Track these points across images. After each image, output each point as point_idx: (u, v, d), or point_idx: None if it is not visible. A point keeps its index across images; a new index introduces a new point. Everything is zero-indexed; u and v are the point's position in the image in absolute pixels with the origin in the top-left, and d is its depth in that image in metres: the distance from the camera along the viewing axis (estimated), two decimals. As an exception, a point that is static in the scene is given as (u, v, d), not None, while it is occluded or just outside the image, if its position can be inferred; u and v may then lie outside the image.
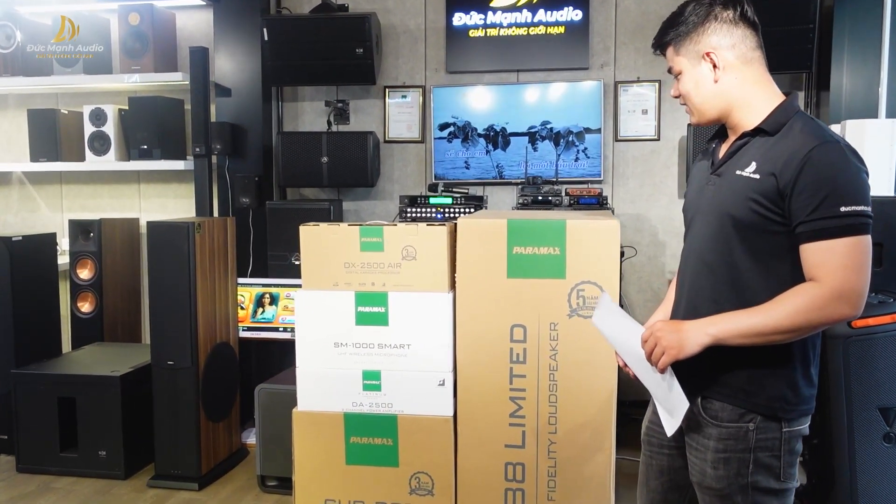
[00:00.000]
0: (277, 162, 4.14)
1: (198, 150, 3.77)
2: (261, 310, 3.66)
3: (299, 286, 3.66)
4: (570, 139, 4.06)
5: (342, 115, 4.31)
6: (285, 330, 3.58)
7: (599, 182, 4.04)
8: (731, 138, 1.63)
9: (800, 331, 1.45)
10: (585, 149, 4.05)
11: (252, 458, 3.50)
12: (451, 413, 2.43)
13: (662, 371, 1.53)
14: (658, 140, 4.06)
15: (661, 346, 1.50)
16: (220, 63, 4.13)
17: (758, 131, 1.55)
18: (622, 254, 3.30)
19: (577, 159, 4.07)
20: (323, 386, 2.48)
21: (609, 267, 2.33)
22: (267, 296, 3.68)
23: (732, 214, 1.53)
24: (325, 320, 2.46)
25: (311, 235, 2.47)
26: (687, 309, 1.62)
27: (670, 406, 1.61)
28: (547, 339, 2.37)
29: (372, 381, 2.45)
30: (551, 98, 4.10)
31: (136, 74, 4.07)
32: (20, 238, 3.54)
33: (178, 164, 4.14)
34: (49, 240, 3.80)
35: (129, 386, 3.28)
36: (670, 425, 1.62)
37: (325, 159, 4.04)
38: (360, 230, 2.43)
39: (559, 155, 4.08)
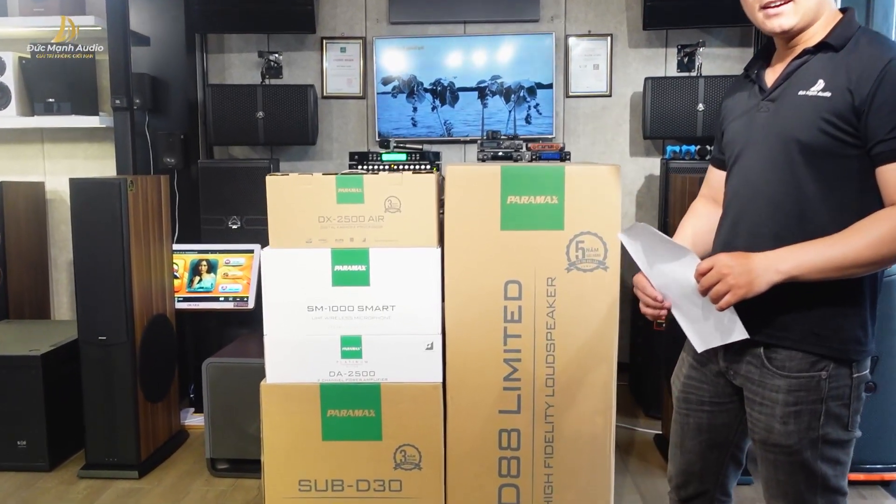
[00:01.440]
0: (207, 118, 3.78)
1: (118, 101, 3.35)
2: (197, 279, 3.33)
3: (242, 251, 3.38)
4: (522, 94, 3.90)
5: (275, 70, 3.97)
6: (227, 300, 3.27)
7: (551, 139, 3.90)
8: (786, 58, 1.48)
9: (882, 262, 1.33)
10: (538, 105, 3.90)
11: (194, 441, 3.20)
12: (440, 379, 2.23)
13: (722, 310, 1.38)
14: (610, 96, 3.96)
15: (726, 283, 1.35)
16: (137, 8, 3.70)
17: (821, 47, 1.41)
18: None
19: (528, 116, 3.91)
20: (296, 355, 2.22)
21: (610, 216, 2.17)
22: (204, 263, 3.34)
23: (799, 139, 1.39)
24: (297, 282, 2.20)
25: (279, 187, 2.19)
26: (747, 247, 1.47)
27: (710, 332, 1.48)
28: (544, 296, 2.20)
29: (351, 347, 2.22)
30: (501, 52, 3.91)
31: (40, 18, 3.60)
32: None
33: (92, 121, 3.72)
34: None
35: (51, 366, 2.90)
36: (703, 343, 1.49)
37: (260, 114, 3.71)
38: (336, 180, 2.18)
39: (510, 111, 3.90)
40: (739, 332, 1.43)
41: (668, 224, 3.17)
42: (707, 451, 1.64)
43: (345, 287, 2.19)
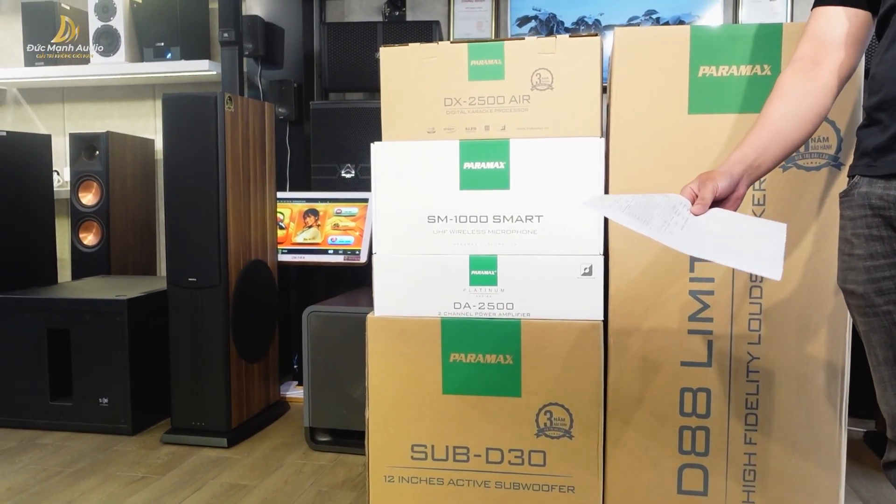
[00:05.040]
0: (322, 61, 3.40)
1: (226, 35, 3.03)
2: (305, 229, 2.92)
3: (356, 200, 2.96)
4: (681, 31, 3.30)
5: (397, 12, 3.56)
6: (336, 252, 2.84)
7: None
8: None
9: None
10: (700, 42, 3.28)
11: (295, 414, 2.76)
12: (601, 316, 1.67)
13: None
14: (790, 32, 3.28)
15: None
16: (252, -54, 3.41)
17: None
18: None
19: (688, 57, 3.29)
20: (411, 280, 1.73)
21: (847, 90, 1.56)
22: (312, 213, 2.93)
23: None
24: (415, 184, 1.71)
25: (397, 60, 1.72)
26: None
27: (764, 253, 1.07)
28: (749, 204, 1.60)
29: (483, 270, 1.70)
30: (657, -20, 3.33)
31: (152, -46, 3.36)
32: (3, 133, 2.81)
33: (202, 64, 3.42)
34: (42, 142, 3.07)
35: (138, 314, 2.54)
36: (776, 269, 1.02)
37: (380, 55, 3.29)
38: (468, 49, 1.68)
39: (666, 52, 3.31)
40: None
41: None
42: None
43: (477, 191, 1.68)
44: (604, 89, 1.75)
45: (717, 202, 1.15)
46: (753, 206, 1.60)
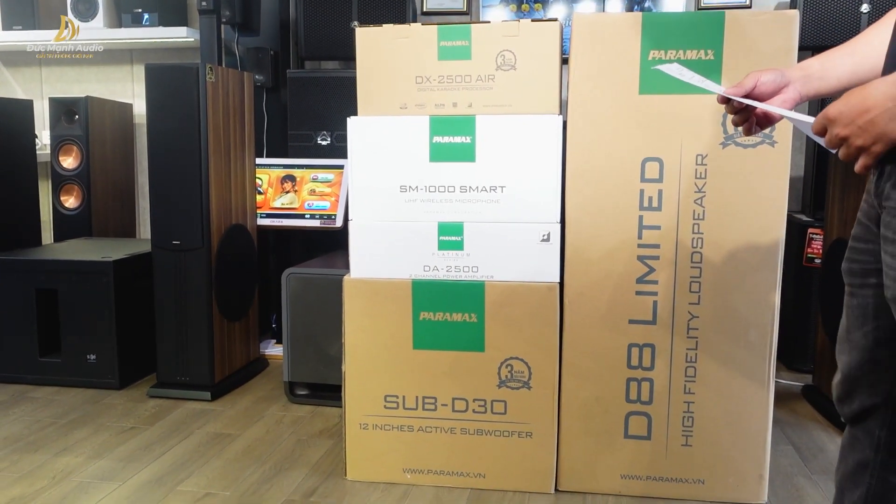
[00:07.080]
0: (298, 29, 3.49)
1: (204, 3, 3.12)
2: (283, 195, 3.04)
3: (332, 167, 3.08)
4: (647, 6, 3.43)
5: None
6: (313, 217, 2.97)
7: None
8: None
9: None
10: (664, 17, 3.41)
11: (274, 370, 2.91)
12: (557, 279, 1.83)
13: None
14: (749, 7, 3.43)
15: (832, 133, 0.95)
16: (229, -87, 3.46)
17: None
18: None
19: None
20: (384, 245, 1.87)
21: (781, 76, 1.71)
22: (289, 179, 3.05)
23: None
24: (388, 157, 1.85)
25: (370, 40, 1.84)
26: None
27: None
28: (691, 178, 1.76)
29: (451, 236, 1.85)
30: (624, -44, 3.45)
31: (129, -80, 3.40)
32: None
33: (180, 31, 3.49)
34: (23, 107, 3.14)
35: (124, 275, 2.66)
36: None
37: (355, 24, 3.38)
38: (438, 31, 1.81)
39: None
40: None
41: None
42: (876, 349, 1.13)
43: (445, 163, 1.83)
44: (565, 61, 1.88)
45: (763, 99, 1.12)
46: (696, 180, 1.76)
